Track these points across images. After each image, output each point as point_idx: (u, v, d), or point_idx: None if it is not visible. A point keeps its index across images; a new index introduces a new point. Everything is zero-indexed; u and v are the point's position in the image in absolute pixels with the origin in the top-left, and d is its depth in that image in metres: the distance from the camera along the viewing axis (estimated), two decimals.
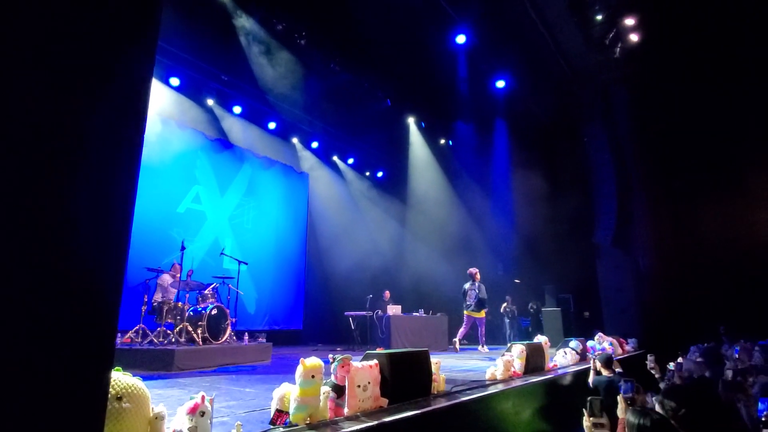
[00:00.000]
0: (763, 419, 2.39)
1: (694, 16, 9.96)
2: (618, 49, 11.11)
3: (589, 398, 2.17)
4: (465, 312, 8.89)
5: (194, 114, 9.82)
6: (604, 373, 4.45)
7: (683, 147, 11.09)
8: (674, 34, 10.55)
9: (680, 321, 9.60)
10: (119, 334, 6.41)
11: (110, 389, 1.58)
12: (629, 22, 10.46)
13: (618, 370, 4.61)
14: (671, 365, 4.72)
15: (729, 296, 9.51)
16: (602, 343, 7.19)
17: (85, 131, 1.25)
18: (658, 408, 2.36)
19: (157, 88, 8.87)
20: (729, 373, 3.64)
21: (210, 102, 10.01)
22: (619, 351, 7.56)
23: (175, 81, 9.21)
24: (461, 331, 8.88)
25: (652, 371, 5.26)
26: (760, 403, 2.39)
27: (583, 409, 2.18)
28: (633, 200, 11.16)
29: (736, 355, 5.71)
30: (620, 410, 2.46)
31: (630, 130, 11.44)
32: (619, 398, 2.55)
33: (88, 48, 1.26)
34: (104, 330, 1.31)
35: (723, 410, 2.46)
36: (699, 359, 4.74)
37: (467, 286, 8.99)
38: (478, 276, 8.99)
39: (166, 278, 7.13)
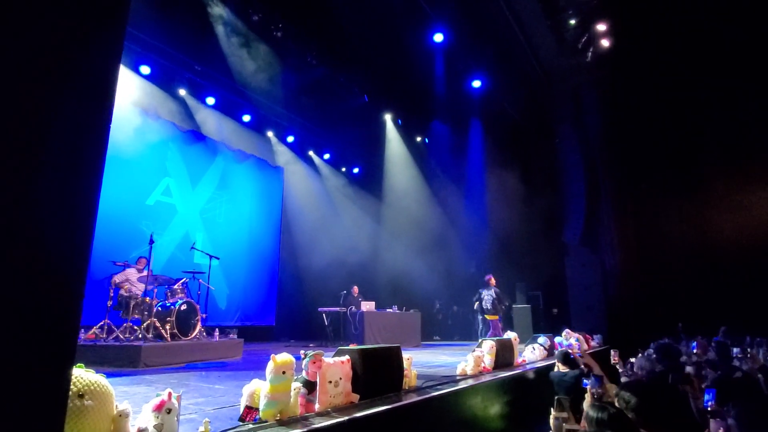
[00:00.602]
0: (709, 410, 2.52)
1: (661, 26, 10.35)
2: (590, 54, 11.40)
3: (556, 397, 2.25)
4: (486, 317, 9.09)
5: (165, 104, 9.55)
6: (561, 368, 4.59)
7: (649, 151, 11.51)
8: (643, 42, 10.92)
9: (643, 318, 9.99)
10: (83, 330, 6.19)
11: (72, 386, 1.54)
12: (601, 27, 10.75)
13: (581, 366, 4.76)
14: (633, 360, 4.92)
15: (688, 294, 9.95)
16: (569, 339, 7.41)
17: (48, 119, 1.21)
18: (615, 401, 2.47)
19: (126, 76, 8.58)
20: (690, 369, 3.82)
21: (182, 92, 9.75)
22: (585, 347, 7.80)
23: (145, 69, 8.93)
24: (489, 334, 9.00)
25: (617, 366, 5.46)
26: (706, 394, 2.52)
27: (551, 408, 2.26)
28: (601, 200, 11.51)
29: (694, 351, 5.99)
30: (586, 404, 2.55)
31: (599, 132, 11.78)
32: (587, 393, 2.65)
33: (51, 32, 1.21)
34: (66, 325, 1.27)
35: (675, 402, 2.59)
36: (652, 355, 4.95)
37: (484, 292, 9.16)
38: (493, 281, 9.20)
39: (133, 272, 6.92)
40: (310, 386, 2.62)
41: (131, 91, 8.76)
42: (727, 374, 3.54)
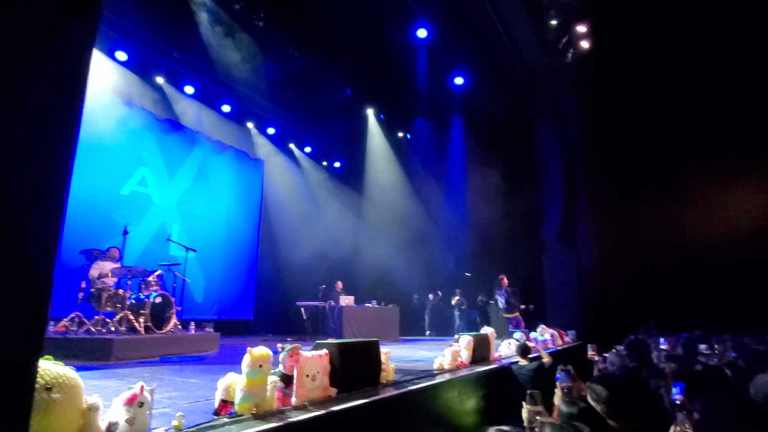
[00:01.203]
0: (677, 403, 2.61)
1: (639, 28, 10.60)
2: (570, 54, 11.59)
3: (528, 391, 2.29)
4: (504, 315, 9.27)
5: (142, 92, 9.28)
6: (521, 361, 4.74)
7: (626, 151, 11.81)
8: (622, 45, 11.17)
9: (617, 314, 10.27)
10: (52, 322, 6.00)
11: (39, 379, 1.48)
12: (581, 29, 10.93)
13: (545, 360, 4.89)
14: (606, 355, 5.06)
15: (661, 292, 10.28)
16: (544, 334, 7.57)
17: (14, 104, 1.16)
18: (589, 395, 2.53)
19: (102, 62, 8.30)
20: (665, 366, 3.95)
21: (160, 80, 9.49)
22: (560, 342, 7.98)
23: (122, 55, 8.66)
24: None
25: (594, 361, 5.60)
26: (674, 387, 2.61)
27: (523, 402, 2.30)
28: (579, 199, 11.75)
29: (662, 346, 6.20)
30: (556, 397, 2.61)
31: (578, 132, 12.01)
32: (557, 386, 2.71)
33: (19, 11, 1.16)
34: (33, 314, 1.23)
35: (645, 396, 2.68)
36: (623, 351, 5.10)
37: (497, 293, 9.34)
38: (506, 281, 9.35)
39: (107, 264, 6.73)
40: (287, 380, 2.60)
41: (107, 77, 8.48)
42: (690, 369, 3.68)
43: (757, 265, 9.65)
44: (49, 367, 1.59)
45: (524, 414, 2.15)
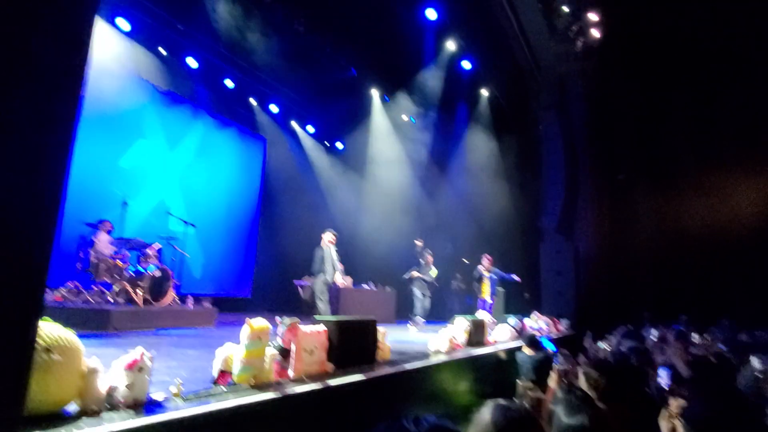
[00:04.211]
0: (667, 388, 2.65)
1: (650, 19, 10.48)
2: (579, 43, 11.42)
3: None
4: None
5: (144, 62, 9.11)
6: (528, 351, 4.72)
7: (628, 141, 11.76)
8: (632, 35, 11.04)
9: (611, 304, 10.35)
10: (49, 291, 6.02)
11: (38, 340, 1.48)
12: (593, 17, 10.75)
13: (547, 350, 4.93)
14: (600, 344, 5.12)
15: (655, 283, 10.35)
16: (538, 321, 7.65)
17: (17, 68, 1.14)
18: (582, 379, 2.57)
19: (103, 29, 8.13)
20: (658, 354, 4.00)
21: (162, 51, 9.33)
22: (553, 330, 8.07)
23: (123, 24, 8.47)
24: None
25: (593, 347, 5.69)
26: (662, 370, 2.65)
27: (518, 381, 2.34)
28: (579, 189, 11.72)
29: (652, 336, 6.28)
30: (552, 380, 2.64)
31: (582, 122, 11.91)
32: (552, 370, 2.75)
33: None
34: (33, 276, 1.23)
35: (636, 381, 2.72)
36: (618, 339, 5.17)
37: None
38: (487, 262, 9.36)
39: (104, 237, 6.73)
40: (284, 353, 2.62)
41: (108, 46, 8.31)
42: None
43: (754, 254, 9.71)
44: (49, 329, 1.59)
45: (518, 387, 2.18)
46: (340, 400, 2.55)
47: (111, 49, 8.36)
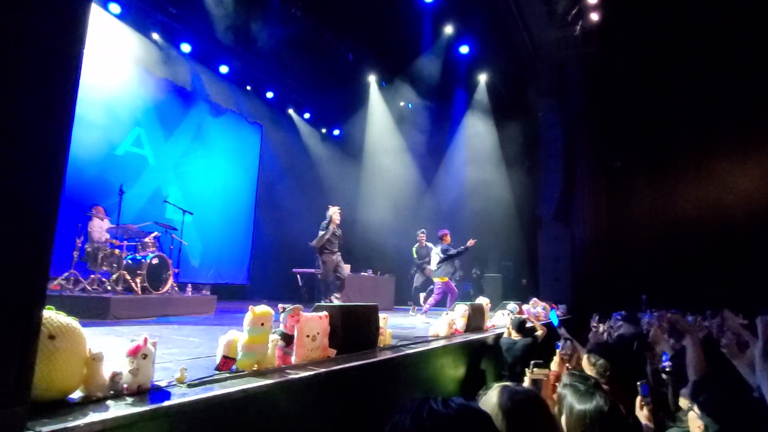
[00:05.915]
0: (666, 369, 2.70)
1: (648, 7, 10.41)
2: (578, 28, 11.30)
3: (532, 362, 2.35)
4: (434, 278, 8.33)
5: (138, 48, 8.97)
6: (513, 335, 4.70)
7: (625, 128, 11.73)
8: (630, 20, 10.95)
9: (609, 290, 10.44)
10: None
11: (42, 328, 1.47)
12: (592, 1, 10.62)
13: (538, 333, 4.93)
14: (601, 327, 5.18)
15: (652, 268, 10.43)
16: (536, 307, 7.68)
17: (13, 53, 1.13)
18: (586, 363, 2.60)
19: (96, 14, 7.97)
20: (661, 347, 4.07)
21: (156, 36, 9.17)
22: None
23: (115, 8, 8.31)
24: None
25: (594, 329, 5.76)
26: (663, 356, 2.69)
27: (525, 369, 2.36)
28: (577, 176, 11.72)
29: (647, 320, 6.36)
30: (554, 363, 2.66)
31: (580, 108, 11.86)
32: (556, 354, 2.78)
33: None
34: (37, 264, 1.22)
35: (636, 364, 2.76)
36: (619, 323, 5.22)
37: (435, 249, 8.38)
38: (448, 239, 8.28)
39: (101, 223, 6.69)
40: (287, 339, 2.62)
41: (101, 31, 8.16)
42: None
43: (750, 241, 9.78)
44: (52, 317, 1.58)
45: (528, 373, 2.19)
46: (343, 384, 2.56)
47: (103, 35, 8.21)
